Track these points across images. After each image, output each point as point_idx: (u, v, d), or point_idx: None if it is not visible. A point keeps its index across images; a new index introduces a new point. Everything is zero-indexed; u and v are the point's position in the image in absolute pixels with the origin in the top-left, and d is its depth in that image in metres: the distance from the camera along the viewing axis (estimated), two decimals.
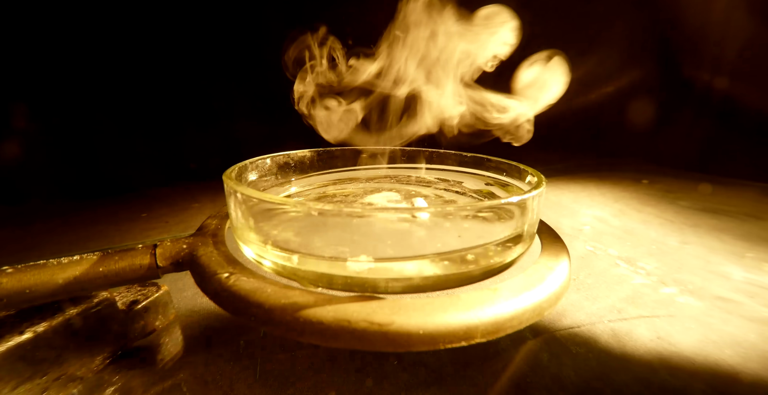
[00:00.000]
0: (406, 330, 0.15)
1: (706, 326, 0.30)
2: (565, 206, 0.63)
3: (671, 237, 0.49)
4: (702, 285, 0.37)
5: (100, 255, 0.21)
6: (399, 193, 0.31)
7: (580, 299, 0.34)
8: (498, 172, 0.30)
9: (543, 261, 0.20)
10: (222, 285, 0.18)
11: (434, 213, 0.19)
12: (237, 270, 0.19)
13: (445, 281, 0.18)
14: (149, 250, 0.22)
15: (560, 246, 0.23)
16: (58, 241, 0.49)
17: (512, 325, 0.16)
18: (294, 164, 0.34)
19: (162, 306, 0.29)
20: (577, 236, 0.49)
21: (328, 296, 0.16)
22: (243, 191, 0.20)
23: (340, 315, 0.15)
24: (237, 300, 0.17)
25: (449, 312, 0.15)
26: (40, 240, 0.50)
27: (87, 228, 0.54)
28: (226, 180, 0.21)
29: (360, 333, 0.15)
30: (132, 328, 0.26)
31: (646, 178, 0.84)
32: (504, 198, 0.19)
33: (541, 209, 0.22)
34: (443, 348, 0.15)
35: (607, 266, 0.41)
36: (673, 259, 0.42)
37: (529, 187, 0.26)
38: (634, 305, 0.33)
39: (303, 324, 0.15)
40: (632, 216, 0.58)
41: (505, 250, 0.20)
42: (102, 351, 0.24)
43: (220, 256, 0.20)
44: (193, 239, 0.23)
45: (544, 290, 0.18)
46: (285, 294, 0.16)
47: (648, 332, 0.29)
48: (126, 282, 0.22)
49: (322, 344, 0.16)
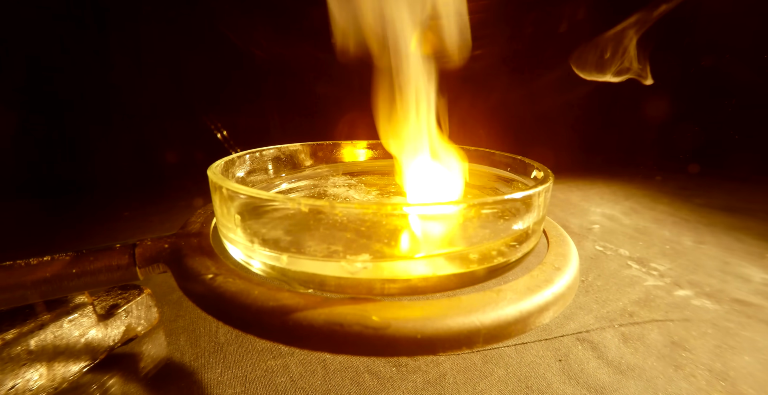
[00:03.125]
0: (404, 334, 0.15)
1: (723, 331, 0.30)
2: (574, 204, 0.63)
3: (686, 236, 0.50)
4: (719, 287, 0.37)
5: (74, 256, 0.21)
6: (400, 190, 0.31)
7: (589, 301, 0.34)
8: (502, 167, 0.30)
9: (549, 262, 0.20)
10: (206, 287, 0.18)
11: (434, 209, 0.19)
12: (222, 271, 0.18)
13: (445, 282, 0.18)
14: (128, 250, 0.21)
15: (568, 246, 0.23)
16: (27, 243, 0.48)
17: (517, 329, 0.16)
18: (285, 159, 0.33)
19: (145, 310, 0.29)
20: (586, 235, 0.49)
21: (320, 298, 0.16)
22: (229, 187, 0.19)
23: (333, 318, 0.15)
24: (222, 303, 0.17)
25: (449, 316, 0.15)
26: (6, 242, 0.48)
27: (62, 228, 0.53)
28: (211, 175, 0.21)
29: (354, 337, 0.15)
30: (112, 334, 0.26)
31: (660, 175, 0.84)
32: (508, 195, 0.19)
33: (548, 206, 0.22)
34: (443, 353, 0.15)
35: (617, 267, 0.41)
36: (688, 260, 0.42)
37: (535, 182, 0.25)
38: (646, 308, 0.33)
39: (293, 328, 0.15)
40: (644, 214, 0.58)
41: (509, 250, 0.20)
42: (79, 359, 0.24)
43: (205, 256, 0.20)
44: (176, 238, 0.22)
45: (550, 292, 0.18)
46: (273, 297, 0.16)
47: (661, 337, 0.29)
48: (102, 285, 0.21)
49: (313, 350, 0.15)
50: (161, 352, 0.28)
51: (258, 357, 0.27)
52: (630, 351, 0.27)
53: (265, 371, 0.26)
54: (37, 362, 0.22)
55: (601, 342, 0.28)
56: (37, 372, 0.22)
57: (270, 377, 0.25)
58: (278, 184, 0.32)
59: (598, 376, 0.25)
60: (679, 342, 0.29)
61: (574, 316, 0.32)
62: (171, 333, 0.29)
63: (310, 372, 0.25)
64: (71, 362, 0.24)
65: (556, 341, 0.29)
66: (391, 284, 0.17)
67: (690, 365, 0.26)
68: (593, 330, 0.30)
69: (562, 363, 0.26)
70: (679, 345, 0.28)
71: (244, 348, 0.28)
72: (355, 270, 0.17)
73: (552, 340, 0.29)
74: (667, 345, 0.28)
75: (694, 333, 0.30)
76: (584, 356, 0.27)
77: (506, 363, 0.26)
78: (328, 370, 0.26)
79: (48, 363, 0.22)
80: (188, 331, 0.30)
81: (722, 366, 0.26)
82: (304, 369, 0.26)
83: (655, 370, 0.26)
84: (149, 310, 0.29)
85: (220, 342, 0.28)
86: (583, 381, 0.25)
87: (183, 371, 0.26)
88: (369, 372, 0.26)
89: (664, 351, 0.28)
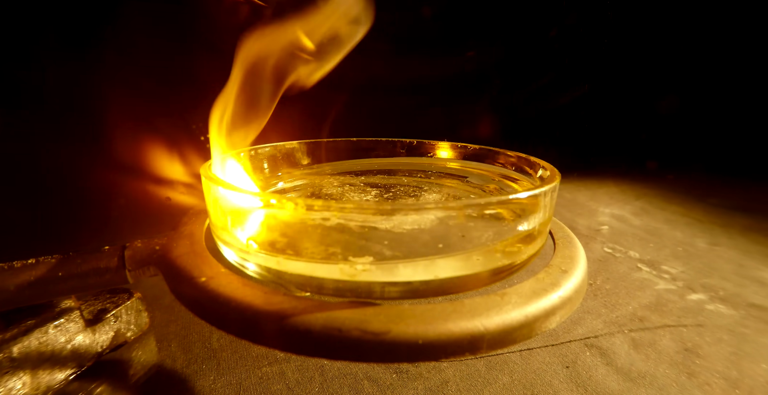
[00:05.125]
0: (404, 339, 0.15)
1: (739, 337, 0.30)
2: (581, 204, 0.63)
3: (699, 238, 0.50)
4: (734, 291, 0.37)
5: (60, 259, 0.21)
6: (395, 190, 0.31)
7: (597, 306, 0.34)
8: (506, 166, 0.30)
9: (556, 264, 0.20)
10: (199, 291, 0.18)
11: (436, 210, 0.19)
12: (216, 273, 0.18)
13: (447, 285, 0.18)
14: (117, 252, 0.21)
15: (575, 248, 0.23)
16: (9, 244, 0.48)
17: (522, 335, 0.16)
18: (281, 157, 0.33)
19: (135, 315, 0.29)
20: (594, 237, 0.49)
21: (318, 302, 0.16)
22: (223, 186, 0.19)
23: (331, 322, 0.15)
24: (216, 307, 0.17)
25: (452, 320, 0.15)
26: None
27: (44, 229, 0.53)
28: (204, 174, 0.21)
29: (352, 343, 0.15)
30: (100, 340, 0.26)
31: (672, 173, 0.84)
32: (512, 194, 0.19)
33: (554, 207, 0.22)
34: (445, 360, 0.15)
35: (627, 270, 0.41)
36: (702, 263, 0.42)
37: (541, 181, 0.25)
38: (657, 313, 0.33)
39: (289, 333, 0.15)
40: (655, 214, 0.58)
41: (514, 252, 0.20)
42: (65, 366, 0.24)
43: (197, 259, 0.20)
44: (167, 239, 0.22)
45: (557, 296, 0.18)
46: (269, 300, 0.16)
47: (674, 343, 0.29)
48: (90, 289, 0.21)
49: (310, 356, 0.15)
50: (152, 359, 0.28)
51: (253, 364, 0.27)
52: (641, 358, 0.28)
53: (260, 378, 0.26)
54: (21, 370, 0.22)
55: (610, 349, 0.28)
56: (20, 381, 0.22)
57: (265, 384, 0.25)
58: (274, 183, 0.33)
59: (607, 384, 0.25)
60: (692, 349, 0.29)
61: (581, 321, 0.32)
62: (162, 339, 0.29)
63: (307, 379, 0.26)
64: (57, 369, 0.24)
65: (563, 347, 0.29)
66: (392, 287, 0.17)
67: (704, 373, 0.26)
68: (602, 335, 0.30)
69: (569, 370, 0.26)
70: (692, 351, 0.28)
71: (238, 355, 0.28)
72: (355, 273, 0.17)
73: (559, 346, 0.29)
74: (680, 351, 0.28)
75: (709, 340, 0.30)
76: (592, 363, 0.27)
77: (511, 369, 0.26)
78: (325, 377, 0.26)
79: (32, 370, 0.22)
80: (180, 337, 0.30)
81: (738, 374, 0.26)
82: (300, 376, 0.26)
83: (667, 378, 0.26)
84: (139, 315, 0.29)
85: (213, 348, 0.29)
86: (591, 388, 0.25)
87: (174, 378, 0.26)
88: (368, 379, 0.26)
89: (676, 358, 0.28)
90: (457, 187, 0.33)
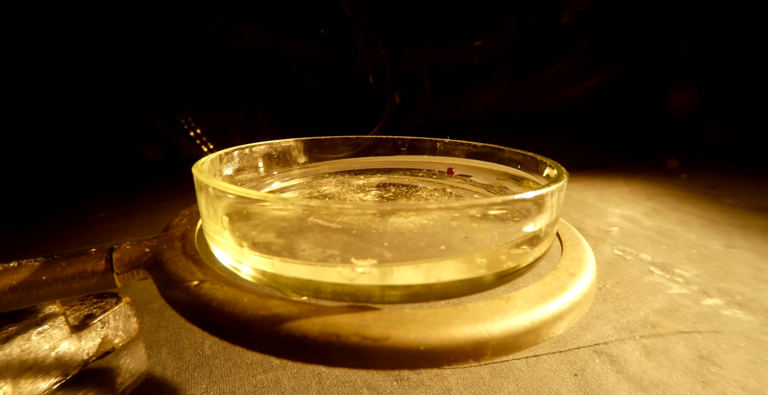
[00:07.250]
0: (405, 345, 0.15)
1: (757, 344, 0.30)
2: (590, 204, 0.63)
3: (715, 240, 0.50)
4: (752, 296, 0.37)
5: (44, 261, 0.21)
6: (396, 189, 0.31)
7: (607, 311, 0.34)
8: (512, 165, 0.30)
9: (563, 267, 0.20)
10: (191, 295, 0.18)
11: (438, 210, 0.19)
12: (209, 277, 0.18)
13: (450, 289, 0.18)
14: (104, 255, 0.21)
15: (584, 250, 0.23)
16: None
17: (528, 341, 0.16)
18: (277, 155, 0.33)
19: (123, 320, 0.29)
20: (603, 238, 0.49)
21: (315, 306, 0.16)
22: (216, 186, 0.19)
23: (328, 328, 0.15)
24: (208, 311, 0.17)
25: (455, 325, 0.15)
26: None
27: (30, 230, 0.53)
28: (197, 173, 0.21)
29: (351, 349, 0.15)
30: (86, 347, 0.26)
31: (686, 172, 0.84)
32: (518, 194, 0.19)
33: (561, 207, 0.22)
34: (448, 367, 0.15)
35: (638, 273, 0.41)
36: (718, 266, 0.42)
37: (548, 181, 0.25)
38: (670, 319, 0.33)
39: (285, 339, 0.15)
40: (668, 215, 0.58)
41: (519, 254, 0.20)
42: (49, 375, 0.24)
43: (189, 261, 0.20)
44: (158, 241, 0.22)
45: (564, 300, 0.18)
46: (264, 305, 0.16)
47: (688, 350, 0.29)
48: (76, 293, 0.21)
49: (307, 362, 0.15)
50: (141, 366, 0.28)
51: (247, 371, 0.27)
52: (653, 366, 0.28)
53: (254, 386, 0.26)
54: (1, 379, 0.22)
55: (620, 356, 0.28)
56: (0, 391, 0.22)
57: (260, 393, 0.25)
58: (269, 182, 0.33)
59: (617, 393, 0.25)
60: (707, 357, 0.29)
61: (590, 327, 0.32)
62: (152, 346, 0.30)
63: (304, 387, 0.26)
64: (40, 378, 0.24)
65: (571, 353, 0.29)
66: (392, 291, 0.17)
67: (720, 382, 0.26)
68: (612, 342, 0.30)
69: (578, 378, 0.26)
70: (707, 359, 0.28)
71: (231, 361, 0.28)
72: (353, 276, 0.17)
73: (567, 353, 0.29)
74: (695, 359, 0.28)
75: (725, 347, 0.30)
76: (602, 370, 0.27)
77: (517, 377, 0.26)
78: (323, 385, 0.26)
79: (13, 380, 0.22)
80: (171, 343, 0.30)
81: (757, 383, 0.26)
82: (297, 384, 0.26)
83: (681, 387, 0.26)
84: (128, 320, 0.29)
85: (205, 354, 0.29)
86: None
87: (164, 387, 0.26)
88: (368, 386, 0.26)
89: (691, 366, 0.28)
90: (460, 187, 0.33)
